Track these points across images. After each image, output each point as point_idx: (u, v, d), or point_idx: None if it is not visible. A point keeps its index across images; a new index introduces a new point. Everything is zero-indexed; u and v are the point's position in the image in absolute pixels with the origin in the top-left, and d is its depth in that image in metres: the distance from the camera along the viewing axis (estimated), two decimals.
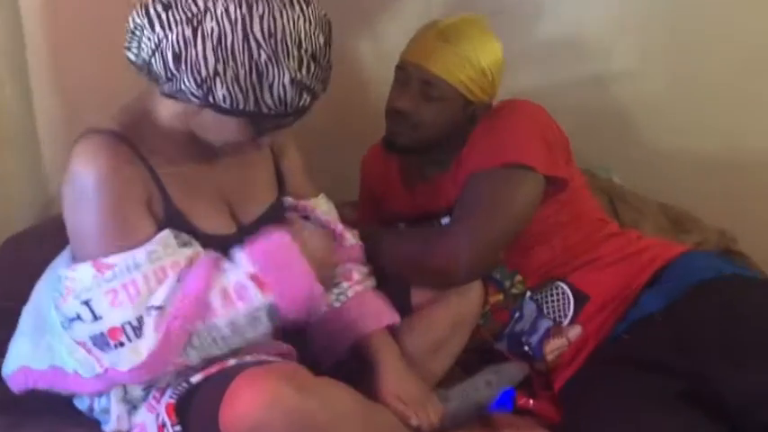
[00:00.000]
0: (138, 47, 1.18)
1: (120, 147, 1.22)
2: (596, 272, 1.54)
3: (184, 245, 1.23)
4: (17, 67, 1.96)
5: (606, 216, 1.69)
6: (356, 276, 1.49)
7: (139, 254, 1.18)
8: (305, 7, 1.18)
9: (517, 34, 2.06)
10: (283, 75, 1.15)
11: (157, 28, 1.15)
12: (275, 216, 1.44)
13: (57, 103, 2.02)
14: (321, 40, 1.20)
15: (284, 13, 1.15)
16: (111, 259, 1.17)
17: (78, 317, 1.17)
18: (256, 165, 1.43)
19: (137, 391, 1.28)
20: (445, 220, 1.58)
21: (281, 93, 1.16)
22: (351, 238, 1.52)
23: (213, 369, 1.22)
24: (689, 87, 2.15)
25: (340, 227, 1.51)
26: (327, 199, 1.55)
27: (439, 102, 1.53)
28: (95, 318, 1.16)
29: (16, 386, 1.31)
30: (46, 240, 1.41)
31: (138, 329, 1.16)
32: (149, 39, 1.16)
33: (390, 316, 1.47)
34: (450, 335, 1.53)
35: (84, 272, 1.17)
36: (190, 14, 1.14)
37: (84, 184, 1.19)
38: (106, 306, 1.16)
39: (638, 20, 2.11)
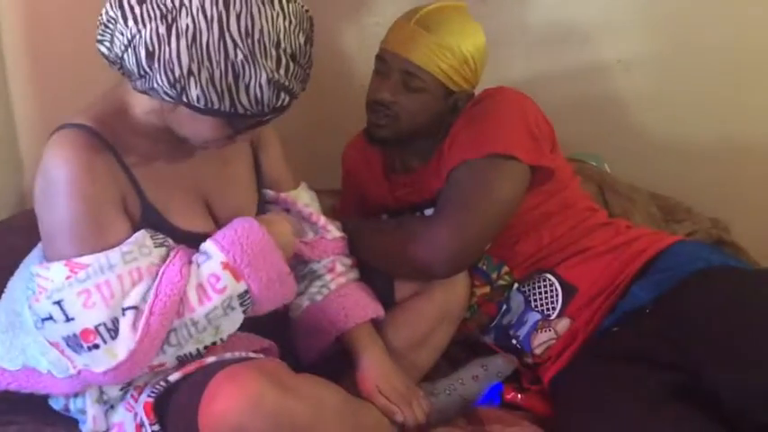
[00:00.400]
0: (111, 41, 1.14)
1: (94, 143, 1.19)
2: (585, 263, 1.52)
3: (160, 245, 1.21)
4: None
5: (595, 205, 1.67)
6: (339, 269, 1.48)
7: (113, 254, 1.15)
8: (285, 4, 1.13)
9: (503, 22, 2.05)
10: (260, 75, 1.10)
11: (131, 22, 1.10)
12: (257, 211, 1.42)
13: (34, 95, 2.00)
14: (302, 38, 1.15)
15: (262, 10, 1.10)
16: (85, 259, 1.14)
17: (50, 317, 1.14)
18: (235, 159, 1.40)
19: (114, 391, 1.25)
20: (428, 212, 1.56)
21: (258, 93, 1.11)
22: (334, 230, 1.50)
23: (191, 367, 1.19)
24: (680, 76, 2.14)
25: (322, 219, 1.49)
26: (309, 189, 1.52)
27: (420, 92, 1.51)
28: (68, 319, 1.13)
29: None
30: (19, 233, 1.38)
31: (113, 331, 1.12)
32: (122, 33, 1.11)
33: (374, 309, 1.45)
34: (436, 328, 1.52)
35: (57, 271, 1.14)
36: (164, 10, 1.09)
37: (57, 182, 1.16)
38: (79, 307, 1.12)
39: (629, 7, 2.09)
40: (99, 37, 1.16)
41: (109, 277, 1.14)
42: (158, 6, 1.09)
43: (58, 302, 1.13)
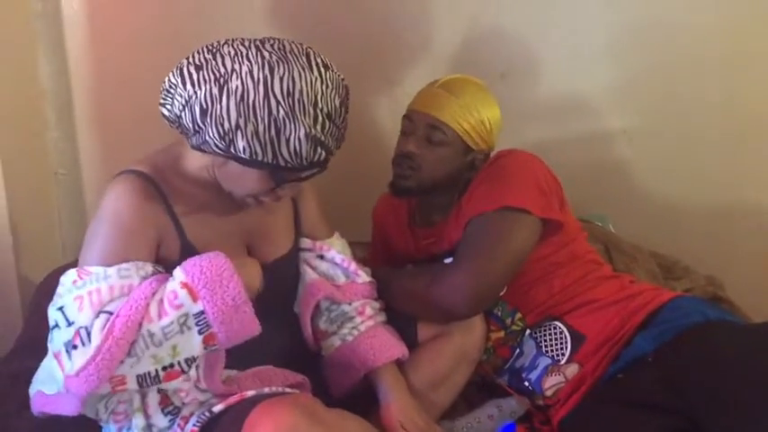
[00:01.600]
0: (171, 103, 1.20)
1: (146, 187, 1.25)
2: (592, 313, 1.52)
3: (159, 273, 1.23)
4: (64, 111, 2.00)
5: (601, 259, 1.67)
6: (369, 311, 1.48)
7: (112, 269, 1.18)
8: (323, 71, 1.20)
9: (520, 93, 2.10)
10: (299, 130, 1.16)
11: (188, 86, 1.17)
12: (293, 257, 1.44)
13: (99, 149, 2.06)
14: (337, 101, 1.21)
15: (303, 74, 1.17)
16: (91, 268, 1.17)
17: (57, 325, 1.16)
18: (277, 209, 1.43)
19: (162, 422, 1.25)
20: (448, 260, 1.57)
21: (297, 146, 1.17)
22: (364, 275, 1.52)
23: (234, 399, 1.21)
24: (679, 145, 2.16)
25: (353, 265, 1.51)
26: (341, 238, 1.54)
27: (442, 146, 1.55)
28: (69, 323, 1.14)
29: (35, 409, 1.30)
30: None
31: (89, 334, 1.13)
32: (181, 95, 1.18)
33: (400, 350, 1.45)
34: (454, 369, 1.51)
35: (69, 275, 1.18)
36: (218, 74, 1.16)
37: (105, 212, 1.22)
38: (75, 311, 1.14)
39: (634, 81, 2.12)
40: (161, 101, 1.23)
41: (101, 286, 1.16)
42: (213, 72, 1.16)
43: (61, 308, 1.16)
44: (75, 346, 1.12)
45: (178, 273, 1.18)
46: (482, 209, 1.48)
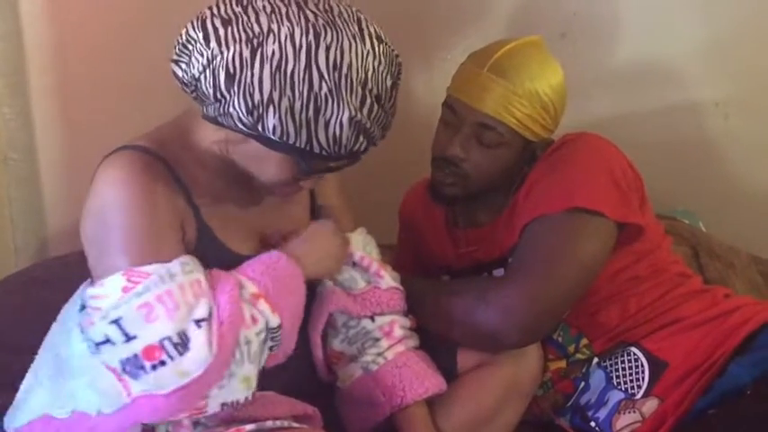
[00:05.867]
0: (189, 62, 1.22)
1: (153, 165, 1.26)
2: (676, 335, 1.52)
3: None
4: (15, 81, 2.03)
5: (689, 270, 1.67)
6: (397, 332, 1.49)
7: (173, 265, 1.19)
8: (377, 44, 1.22)
9: (585, 57, 2.10)
10: (342, 112, 1.18)
11: (213, 43, 1.18)
12: None
13: (59, 138, 2.10)
14: (389, 82, 1.24)
15: (353, 46, 1.18)
16: (145, 268, 1.18)
17: (108, 340, 1.16)
18: (294, 198, 1.45)
19: None
20: (498, 272, 1.58)
21: (338, 131, 1.19)
22: (389, 278, 1.51)
23: None
24: None
25: (375, 264, 1.51)
26: (366, 233, 1.55)
27: (495, 147, 1.55)
28: (128, 338, 1.15)
29: None
30: (47, 284, 1.43)
31: (180, 345, 1.15)
32: (202, 54, 1.20)
33: (435, 383, 1.46)
34: (503, 406, 1.51)
35: (114, 284, 1.18)
36: (251, 34, 1.17)
37: (113, 201, 1.22)
38: (140, 323, 1.15)
39: (730, 41, 2.12)
40: (175, 57, 1.25)
41: (171, 287, 1.17)
42: (245, 30, 1.18)
43: (116, 321, 1.16)
44: (162, 363, 1.14)
45: (246, 282, 1.23)
46: (543, 210, 1.49)
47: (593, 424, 1.56)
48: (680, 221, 2.04)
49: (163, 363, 1.14)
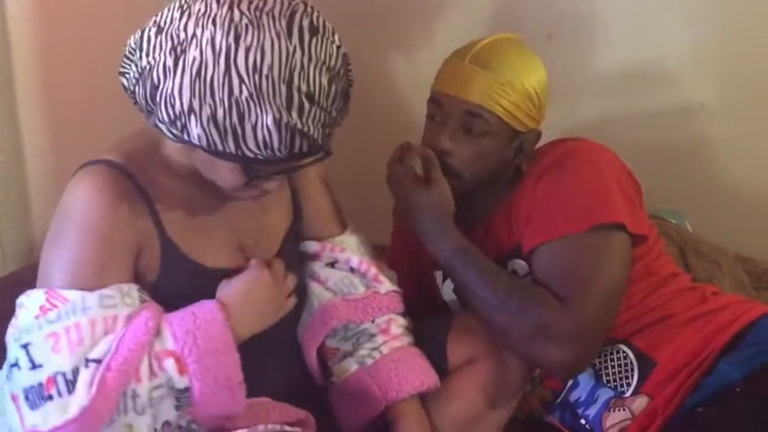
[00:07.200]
0: (129, 74, 1.21)
1: (119, 181, 1.25)
2: (665, 333, 1.52)
3: (143, 302, 1.24)
4: (2, 82, 2.02)
5: (678, 269, 1.67)
6: (394, 330, 1.49)
7: (91, 296, 1.18)
8: (307, 38, 1.16)
9: (572, 59, 2.11)
10: (266, 115, 1.12)
11: (144, 54, 1.17)
12: (291, 251, 1.46)
13: (46, 144, 2.11)
14: (323, 78, 1.17)
15: (276, 44, 1.13)
16: (65, 293, 1.17)
17: (17, 363, 1.16)
18: (273, 208, 1.45)
19: None
20: (515, 263, 1.56)
21: (266, 136, 1.13)
22: (388, 282, 1.52)
23: None
24: None
25: (373, 269, 1.52)
26: (355, 233, 1.55)
27: (483, 136, 1.53)
28: (33, 366, 1.14)
29: None
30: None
31: (71, 383, 1.13)
32: (136, 64, 1.19)
33: (430, 377, 1.46)
34: (490, 405, 1.51)
35: (34, 300, 1.18)
36: (176, 40, 1.15)
37: (73, 218, 1.22)
38: (47, 352, 1.14)
39: (716, 42, 2.12)
40: (121, 69, 1.24)
41: (80, 320, 1.16)
42: (171, 38, 1.15)
43: (26, 346, 1.15)
44: (50, 397, 1.13)
45: (166, 335, 1.19)
46: (565, 231, 1.46)
47: (583, 421, 1.56)
48: (667, 221, 2.04)
49: (50, 397, 1.13)
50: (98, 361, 1.14)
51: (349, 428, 1.47)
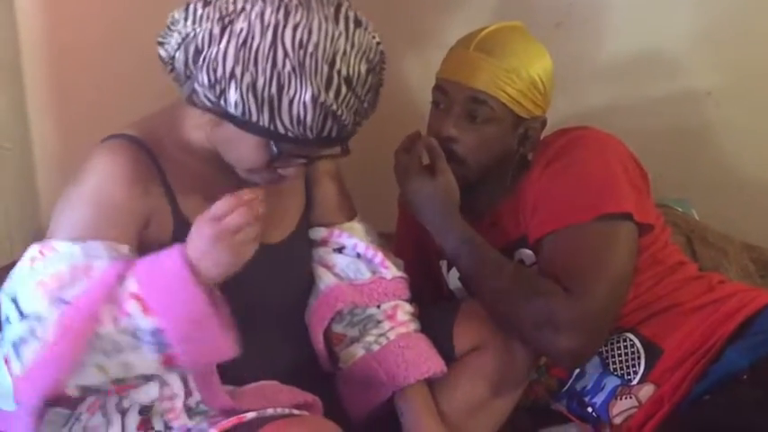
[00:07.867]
0: (169, 41, 1.24)
1: (137, 154, 1.29)
2: (671, 321, 1.52)
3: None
4: (10, 70, 2.03)
5: (685, 258, 1.67)
6: (400, 316, 1.50)
7: (77, 246, 1.20)
8: (352, 27, 1.21)
9: (580, 47, 2.10)
10: (305, 91, 1.17)
11: (189, 22, 1.21)
12: (293, 245, 1.47)
13: (54, 130, 2.11)
14: (362, 66, 1.21)
15: (323, 26, 1.18)
16: (57, 243, 1.20)
17: (8, 319, 1.18)
18: (286, 192, 1.46)
19: None
20: (522, 252, 1.56)
21: (301, 112, 1.17)
22: (394, 267, 1.53)
23: (229, 423, 1.23)
24: None
25: (380, 255, 1.52)
26: (363, 222, 1.56)
27: (488, 123, 1.53)
28: (22, 316, 1.16)
29: None
30: None
31: (45, 321, 1.14)
32: (179, 33, 1.22)
33: (437, 364, 1.46)
34: (495, 392, 1.51)
35: (29, 253, 1.21)
36: (224, 12, 1.19)
37: (86, 185, 1.26)
38: (32, 299, 1.16)
39: (723, 30, 2.12)
40: (160, 39, 1.26)
41: (63, 267, 1.18)
42: (219, 9, 1.20)
43: (14, 299, 1.18)
44: (25, 341, 1.15)
45: (131, 279, 1.17)
46: (571, 220, 1.46)
47: (590, 409, 1.56)
48: (673, 209, 2.04)
49: (25, 341, 1.15)
50: (67, 302, 1.15)
51: (356, 414, 1.47)
